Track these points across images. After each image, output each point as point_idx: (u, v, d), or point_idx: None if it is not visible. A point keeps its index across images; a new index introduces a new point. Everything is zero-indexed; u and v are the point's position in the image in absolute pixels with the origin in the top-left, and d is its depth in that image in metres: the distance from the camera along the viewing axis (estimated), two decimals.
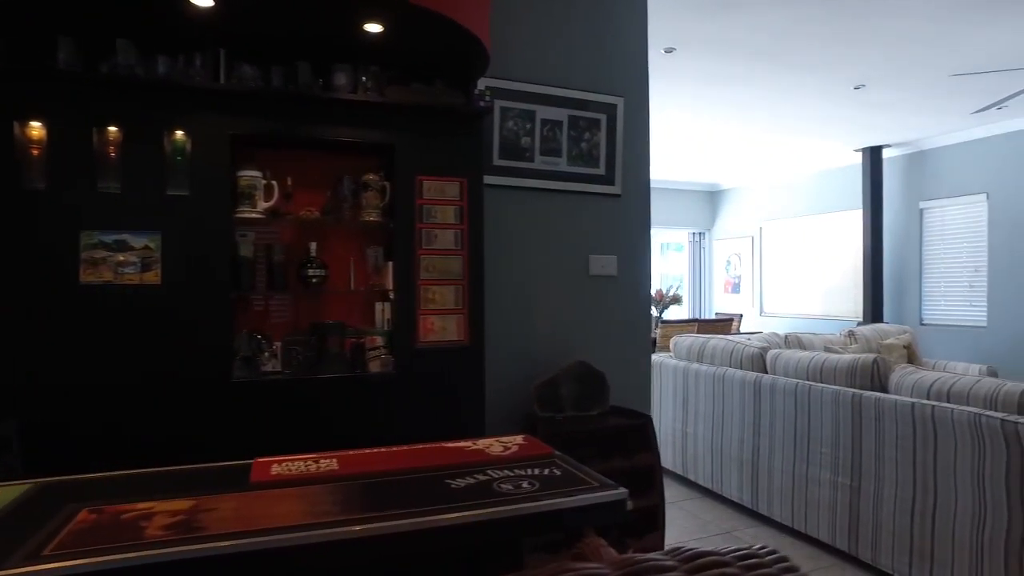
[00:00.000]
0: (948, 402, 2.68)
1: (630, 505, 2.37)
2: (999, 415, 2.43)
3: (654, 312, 7.21)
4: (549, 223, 2.58)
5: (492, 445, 1.47)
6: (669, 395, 4.36)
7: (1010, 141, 5.98)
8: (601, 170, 2.64)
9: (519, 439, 1.52)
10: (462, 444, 1.49)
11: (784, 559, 0.76)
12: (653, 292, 7.11)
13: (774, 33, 3.86)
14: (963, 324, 6.38)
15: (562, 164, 2.59)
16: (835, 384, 3.19)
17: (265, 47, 2.10)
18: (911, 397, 2.82)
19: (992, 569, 2.42)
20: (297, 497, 1.15)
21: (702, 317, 8.82)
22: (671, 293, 7.03)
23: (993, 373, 5.16)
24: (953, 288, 6.51)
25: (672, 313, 7.56)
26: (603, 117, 2.64)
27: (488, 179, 2.47)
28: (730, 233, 9.36)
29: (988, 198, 6.15)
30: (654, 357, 4.58)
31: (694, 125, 6.06)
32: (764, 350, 3.75)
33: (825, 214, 7.86)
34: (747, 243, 9.04)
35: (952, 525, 2.55)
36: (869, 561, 2.92)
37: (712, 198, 9.69)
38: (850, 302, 7.42)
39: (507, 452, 1.42)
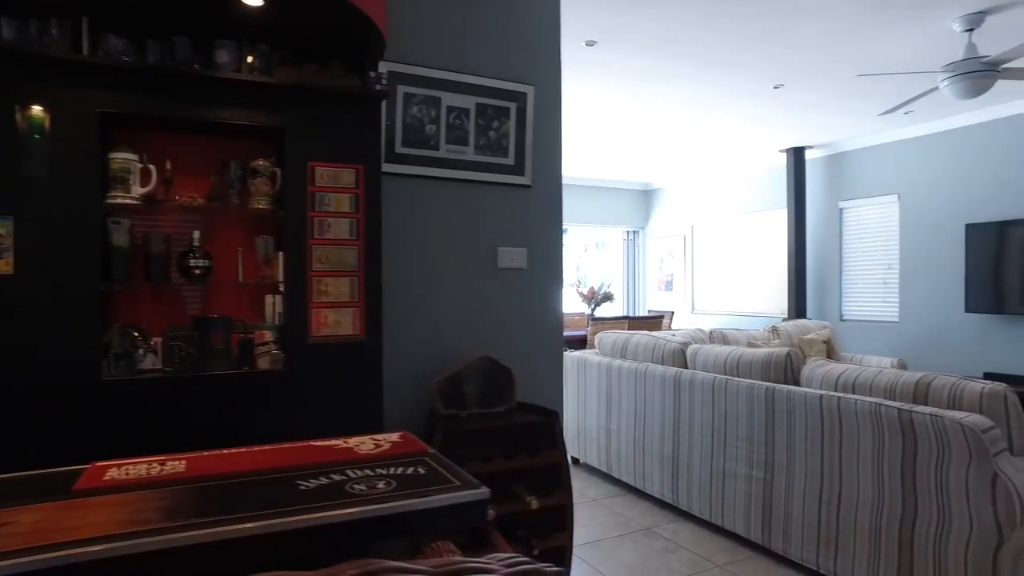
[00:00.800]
0: (853, 393, 2.73)
1: (535, 504, 2.31)
2: (896, 404, 2.48)
3: (587, 309, 7.22)
4: (455, 214, 2.49)
5: (364, 443, 1.37)
6: (593, 392, 4.34)
7: (917, 144, 6.25)
8: (510, 160, 2.57)
9: (395, 436, 1.43)
10: (332, 442, 1.39)
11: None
12: (585, 290, 7.13)
13: (692, 29, 3.87)
14: (878, 320, 6.63)
15: (469, 153, 2.50)
16: (751, 378, 3.22)
17: (138, 19, 1.94)
18: (820, 389, 2.86)
19: (887, 554, 2.47)
20: (119, 505, 1.03)
21: (634, 314, 8.90)
22: (603, 291, 7.05)
23: (903, 366, 5.36)
24: (869, 285, 6.75)
25: (605, 310, 7.60)
26: (512, 105, 2.57)
27: (390, 167, 2.37)
28: (663, 231, 9.49)
29: (899, 199, 6.40)
30: (579, 354, 4.56)
31: (622, 121, 6.07)
32: (685, 345, 3.77)
33: (754, 213, 8.05)
34: (679, 241, 9.18)
35: (855, 513, 2.60)
36: (781, 552, 2.95)
37: (646, 197, 9.81)
38: (778, 299, 7.61)
39: (377, 450, 1.32)
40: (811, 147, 7.04)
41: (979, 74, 3.51)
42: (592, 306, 7.02)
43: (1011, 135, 5.53)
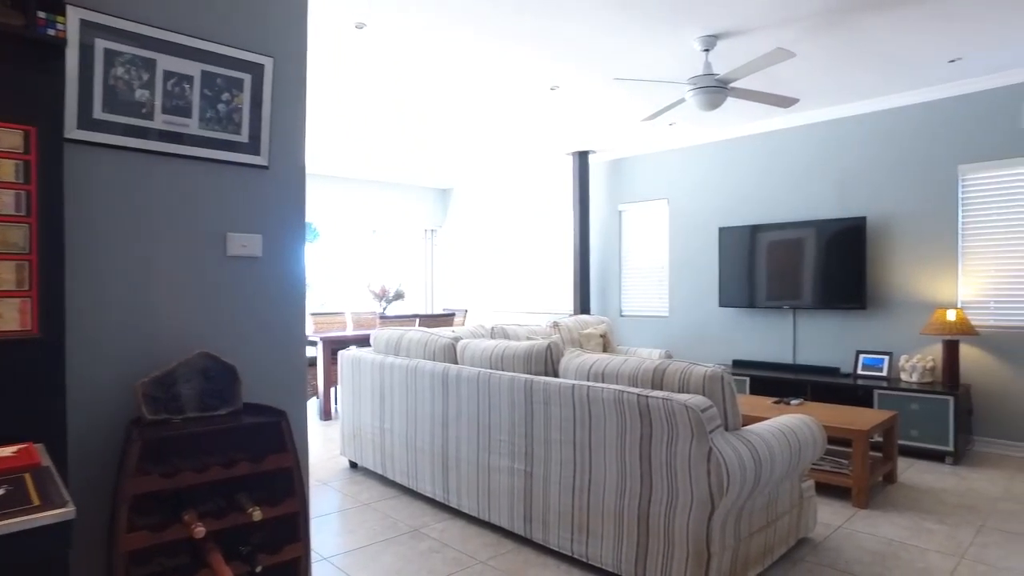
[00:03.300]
0: (603, 382, 2.84)
1: (257, 515, 2.08)
2: (636, 390, 2.60)
3: (379, 308, 7.01)
4: (175, 193, 2.17)
5: None
6: (367, 391, 4.15)
7: (681, 154, 6.91)
8: (244, 138, 2.31)
9: (10, 450, 1.15)
10: None
11: None
12: (377, 288, 6.91)
13: (464, 22, 3.83)
14: (652, 315, 7.20)
15: (193, 126, 2.20)
16: (514, 371, 3.24)
17: None
18: (575, 379, 2.94)
19: (628, 532, 2.59)
20: None
21: (429, 313, 8.85)
22: (395, 289, 6.89)
23: (669, 356, 5.85)
24: (644, 283, 7.31)
25: (399, 308, 7.45)
26: (247, 77, 2.31)
27: (84, 134, 2.01)
28: (462, 230, 9.56)
29: (669, 203, 7.00)
30: (353, 352, 4.35)
31: (406, 116, 5.93)
32: (456, 340, 3.72)
33: (546, 214, 8.38)
34: (477, 240, 9.30)
35: (602, 497, 2.69)
36: (541, 542, 2.99)
37: (443, 196, 9.82)
38: (567, 297, 7.98)
39: None
40: (594, 152, 7.47)
41: (713, 89, 3.90)
42: (384, 304, 6.82)
43: (757, 150, 6.29)
